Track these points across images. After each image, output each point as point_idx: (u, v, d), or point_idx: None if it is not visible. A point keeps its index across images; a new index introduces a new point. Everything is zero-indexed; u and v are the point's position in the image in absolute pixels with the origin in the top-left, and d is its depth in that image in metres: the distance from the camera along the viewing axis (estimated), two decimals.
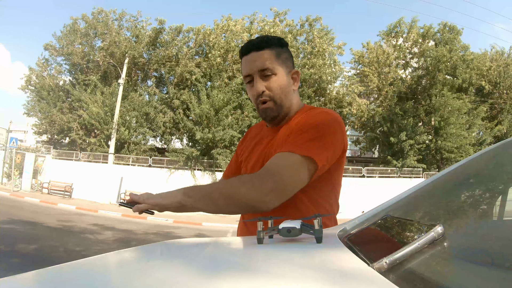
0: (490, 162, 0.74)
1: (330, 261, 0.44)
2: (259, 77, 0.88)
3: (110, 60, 15.03)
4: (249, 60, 0.89)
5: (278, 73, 0.88)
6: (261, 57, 0.88)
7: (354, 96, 14.85)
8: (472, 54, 15.98)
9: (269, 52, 0.89)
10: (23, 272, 0.36)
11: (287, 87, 0.91)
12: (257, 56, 0.88)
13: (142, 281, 0.35)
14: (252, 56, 0.89)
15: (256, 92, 0.88)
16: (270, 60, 0.88)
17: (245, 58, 0.91)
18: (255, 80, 0.88)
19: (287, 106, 0.91)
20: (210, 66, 14.67)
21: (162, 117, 14.74)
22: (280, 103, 0.89)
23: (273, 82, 0.88)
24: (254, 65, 0.88)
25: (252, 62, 0.88)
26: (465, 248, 0.43)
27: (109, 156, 13.87)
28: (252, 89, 0.90)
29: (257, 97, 0.89)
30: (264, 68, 0.87)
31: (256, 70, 0.87)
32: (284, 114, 0.92)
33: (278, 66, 0.88)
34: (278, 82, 0.88)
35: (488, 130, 15.49)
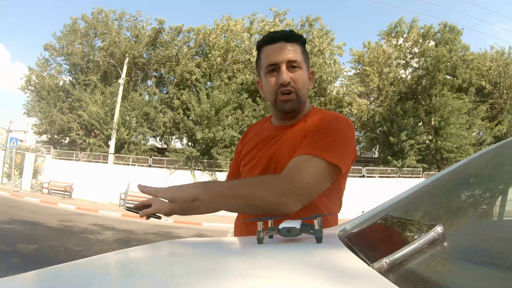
0: (490, 162, 0.74)
1: (330, 261, 0.44)
2: (286, 67, 0.86)
3: (110, 60, 15.04)
4: (277, 48, 0.87)
5: (303, 68, 0.88)
6: (291, 48, 0.87)
7: (354, 96, 14.85)
8: (472, 54, 15.98)
9: (297, 45, 0.89)
10: (23, 272, 0.36)
11: (307, 84, 0.91)
12: (287, 46, 0.87)
13: (142, 281, 0.35)
14: (281, 45, 0.87)
15: (282, 81, 0.85)
16: (298, 53, 0.88)
17: (270, 46, 0.89)
18: (281, 69, 0.85)
19: (303, 104, 0.91)
20: (210, 66, 14.68)
21: (162, 117, 14.74)
22: (301, 98, 0.88)
23: (299, 76, 0.87)
24: (284, 54, 0.86)
25: (281, 51, 0.86)
26: (465, 248, 0.43)
27: (109, 156, 13.87)
28: (275, 78, 0.87)
29: (280, 87, 0.86)
30: (294, 59, 0.86)
31: (285, 59, 0.85)
32: (300, 110, 0.91)
33: (303, 62, 0.89)
34: (303, 77, 0.88)
35: (488, 130, 15.49)
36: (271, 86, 0.88)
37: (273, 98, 0.89)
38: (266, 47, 0.89)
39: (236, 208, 0.75)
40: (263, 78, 0.91)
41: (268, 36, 0.90)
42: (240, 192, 0.72)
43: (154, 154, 14.70)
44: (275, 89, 0.87)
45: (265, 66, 0.89)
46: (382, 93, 15.77)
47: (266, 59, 0.89)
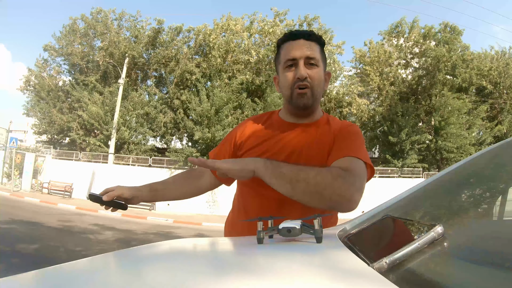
0: (490, 162, 0.74)
1: (330, 261, 0.44)
2: (304, 63, 0.88)
3: (110, 60, 15.04)
4: (298, 44, 0.89)
5: (320, 67, 0.91)
6: (310, 46, 0.90)
7: (354, 96, 14.86)
8: (472, 54, 15.98)
9: (316, 45, 0.91)
10: (23, 272, 0.36)
11: (323, 83, 0.93)
12: (307, 44, 0.89)
13: (142, 281, 0.35)
14: (302, 42, 0.90)
15: (300, 75, 0.87)
16: (317, 52, 0.91)
17: (291, 42, 0.91)
18: (299, 64, 0.88)
19: (317, 102, 0.93)
20: (210, 66, 14.68)
21: (162, 117, 14.74)
22: (316, 95, 0.90)
23: (315, 73, 0.89)
24: (303, 50, 0.88)
25: (301, 47, 0.89)
26: (465, 248, 0.43)
27: (109, 156, 13.87)
28: (292, 73, 0.89)
29: (297, 81, 0.88)
30: (312, 57, 0.88)
31: (303, 55, 0.88)
32: (314, 108, 0.93)
33: (321, 61, 0.91)
34: (319, 75, 0.90)
35: (488, 130, 15.49)
36: (288, 81, 0.90)
37: (289, 92, 0.90)
38: (289, 43, 0.91)
39: (298, 192, 0.71)
40: (281, 73, 0.93)
41: (289, 33, 0.94)
42: (308, 177, 0.71)
43: (154, 154, 14.71)
44: (292, 84, 0.89)
45: (283, 61, 0.91)
46: (383, 93, 15.77)
47: (285, 54, 0.91)
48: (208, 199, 12.49)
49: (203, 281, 0.36)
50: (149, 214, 11.12)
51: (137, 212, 11.32)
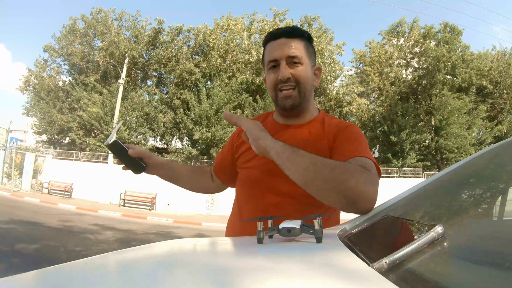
0: (490, 162, 0.74)
1: (330, 261, 0.44)
2: (286, 63, 0.85)
3: (110, 60, 15.04)
4: (278, 44, 0.86)
5: (305, 64, 0.87)
6: (291, 44, 0.86)
7: (354, 96, 14.86)
8: (472, 54, 15.98)
9: (299, 41, 0.87)
10: (23, 272, 0.36)
11: (310, 80, 0.89)
12: (288, 42, 0.86)
13: (142, 282, 0.35)
14: (282, 41, 0.86)
15: (281, 77, 0.84)
16: (300, 49, 0.86)
17: (272, 43, 0.88)
18: (281, 65, 0.85)
19: (307, 100, 0.90)
20: (210, 66, 14.69)
21: (162, 117, 14.74)
22: (303, 94, 0.87)
23: (300, 71, 0.85)
24: (283, 50, 0.85)
25: (281, 47, 0.85)
26: (465, 248, 0.43)
27: (109, 156, 13.88)
28: (275, 75, 0.86)
29: (279, 82, 0.86)
30: (294, 55, 0.85)
31: (284, 55, 0.85)
32: (304, 107, 0.90)
33: (306, 58, 0.87)
34: (305, 72, 0.86)
35: (488, 130, 15.49)
36: (271, 82, 0.87)
37: (273, 94, 0.88)
38: (271, 44, 0.89)
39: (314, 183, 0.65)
40: (266, 75, 0.91)
41: (270, 33, 0.90)
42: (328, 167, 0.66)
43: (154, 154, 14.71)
44: (274, 85, 0.87)
45: (266, 62, 0.89)
46: (383, 93, 15.78)
47: (267, 55, 0.89)
48: (207, 199, 12.49)
49: (203, 281, 0.36)
50: (149, 214, 11.12)
51: (137, 212, 11.32)
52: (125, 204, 12.74)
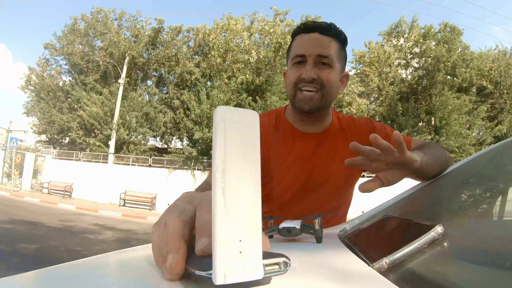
0: (490, 162, 0.74)
1: (330, 261, 0.44)
2: (314, 62, 0.76)
3: (110, 60, 15.04)
4: (310, 39, 0.77)
5: (335, 67, 0.78)
6: (325, 42, 0.77)
7: (354, 96, 14.87)
8: (472, 54, 15.98)
9: (333, 41, 0.78)
10: (23, 272, 0.36)
11: (336, 87, 0.80)
12: (321, 39, 0.77)
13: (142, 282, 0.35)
14: (316, 36, 0.77)
15: (306, 76, 0.75)
16: (332, 50, 0.78)
17: (304, 35, 0.79)
18: (308, 63, 0.76)
19: (328, 107, 0.82)
20: (210, 66, 14.69)
21: (162, 117, 14.75)
22: (326, 100, 0.78)
23: (327, 74, 0.76)
24: (314, 47, 0.76)
25: (313, 42, 0.77)
26: (465, 248, 0.43)
27: (109, 156, 13.88)
28: (299, 71, 0.77)
29: (301, 81, 0.77)
30: (325, 55, 0.76)
31: (314, 53, 0.76)
32: (323, 114, 0.82)
33: (337, 61, 0.78)
34: (333, 76, 0.77)
35: (488, 130, 15.48)
36: (293, 79, 0.78)
37: (292, 92, 0.79)
38: (301, 36, 0.80)
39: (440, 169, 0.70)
40: (289, 69, 0.82)
41: (304, 24, 0.81)
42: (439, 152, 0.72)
43: (154, 154, 14.72)
44: (296, 83, 0.78)
45: (292, 56, 0.80)
46: (382, 93, 15.78)
47: (295, 48, 0.80)
48: None
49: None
50: (149, 214, 11.12)
51: (137, 212, 11.32)
52: (125, 204, 12.74)
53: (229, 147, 0.23)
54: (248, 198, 0.24)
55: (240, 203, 0.24)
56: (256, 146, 0.25)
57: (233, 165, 0.24)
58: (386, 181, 0.61)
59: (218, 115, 0.23)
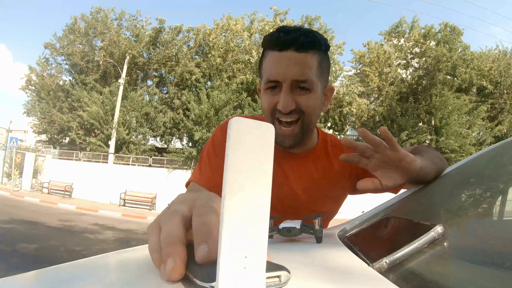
0: (490, 162, 0.74)
1: (330, 261, 0.44)
2: (291, 88, 0.66)
3: (110, 60, 15.04)
4: (285, 59, 0.65)
5: (315, 89, 0.68)
6: (302, 62, 0.65)
7: (354, 96, 14.87)
8: (472, 54, 15.98)
9: (313, 57, 0.66)
10: (23, 272, 0.36)
11: (318, 108, 0.71)
12: (297, 58, 0.65)
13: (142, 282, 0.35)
14: (290, 56, 0.65)
15: (282, 108, 0.66)
16: (312, 69, 0.66)
17: (276, 54, 0.66)
18: (283, 91, 0.66)
19: (310, 134, 0.74)
20: (210, 66, 14.69)
21: (162, 117, 14.75)
22: (307, 128, 0.70)
23: (306, 100, 0.67)
24: (289, 70, 0.65)
25: (287, 64, 0.65)
26: (465, 248, 0.43)
27: (109, 156, 13.88)
28: (273, 97, 0.68)
29: (278, 112, 0.68)
30: (303, 79, 0.65)
31: (290, 78, 0.65)
32: (306, 139, 0.74)
33: (317, 80, 0.68)
34: (313, 101, 0.68)
35: (488, 130, 15.48)
36: (268, 106, 0.69)
37: (270, 120, 0.70)
38: (271, 53, 0.68)
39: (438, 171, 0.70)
40: (262, 91, 0.71)
41: (276, 37, 0.67)
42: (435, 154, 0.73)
43: (154, 154, 14.72)
44: (272, 111, 0.69)
45: (265, 78, 0.69)
46: (383, 93, 15.78)
47: (267, 70, 0.68)
48: None
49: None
50: (149, 214, 11.12)
51: (137, 212, 11.33)
52: (125, 204, 12.74)
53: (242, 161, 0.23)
54: (257, 214, 0.24)
55: (248, 219, 0.24)
56: (269, 161, 0.24)
57: (244, 180, 0.23)
58: (384, 183, 0.60)
59: (233, 127, 0.23)
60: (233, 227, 0.23)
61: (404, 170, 0.59)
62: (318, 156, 0.79)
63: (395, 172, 0.59)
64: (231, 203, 0.23)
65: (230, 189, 0.23)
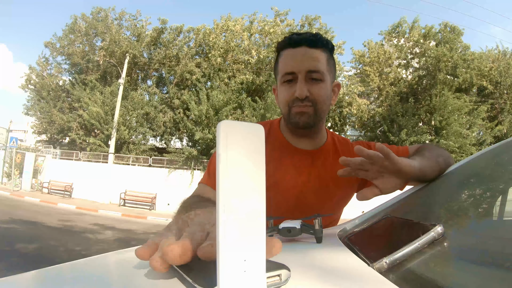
0: (490, 162, 0.74)
1: (330, 261, 0.44)
2: (305, 79, 0.75)
3: (110, 60, 15.04)
4: (299, 54, 0.75)
5: (326, 80, 0.77)
6: (314, 56, 0.75)
7: (354, 96, 14.86)
8: (472, 54, 15.98)
9: (322, 53, 0.76)
10: (23, 272, 0.36)
11: (329, 99, 0.79)
12: (309, 53, 0.75)
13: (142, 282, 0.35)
14: (303, 51, 0.75)
15: (299, 94, 0.74)
16: (322, 63, 0.76)
17: (291, 51, 0.77)
18: (299, 81, 0.74)
19: (322, 121, 0.81)
20: (210, 66, 14.69)
21: (162, 117, 14.75)
22: (319, 115, 0.78)
23: (319, 89, 0.75)
24: (303, 63, 0.74)
25: (301, 58, 0.75)
26: (465, 248, 0.43)
27: (109, 156, 13.88)
28: (290, 89, 0.76)
29: (294, 101, 0.76)
30: (315, 70, 0.74)
31: (304, 69, 0.74)
32: (317, 129, 0.81)
33: (327, 73, 0.77)
34: (324, 91, 0.76)
35: (488, 130, 15.48)
36: (285, 98, 0.78)
37: (286, 110, 0.78)
38: (286, 51, 0.78)
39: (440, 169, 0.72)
40: (279, 86, 0.80)
41: (290, 38, 0.78)
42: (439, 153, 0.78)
43: (154, 154, 14.72)
44: (288, 102, 0.77)
45: (281, 73, 0.78)
46: (383, 93, 15.78)
47: (283, 65, 0.78)
48: None
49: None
50: (149, 214, 11.12)
51: (137, 212, 11.33)
52: (125, 204, 12.74)
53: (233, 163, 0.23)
54: (253, 217, 0.24)
55: (245, 222, 0.23)
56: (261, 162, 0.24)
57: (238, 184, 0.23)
58: (384, 189, 0.63)
59: (222, 130, 0.23)
60: (229, 232, 0.23)
61: (401, 175, 0.63)
62: (328, 152, 0.83)
63: (394, 177, 0.63)
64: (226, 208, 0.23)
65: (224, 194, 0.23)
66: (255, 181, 0.24)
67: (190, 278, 0.28)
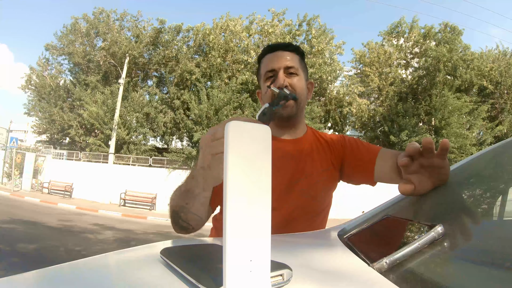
0: (490, 162, 0.74)
1: (330, 261, 0.44)
2: (284, 73, 0.88)
3: (111, 60, 15.05)
4: (276, 56, 0.91)
5: (300, 76, 0.91)
6: (288, 56, 0.90)
7: (354, 96, 14.85)
8: (472, 54, 15.97)
9: (295, 55, 0.92)
10: (23, 272, 0.36)
11: (305, 91, 0.93)
12: (285, 54, 0.90)
13: (142, 282, 0.35)
14: (280, 53, 0.91)
15: (279, 84, 0.86)
16: (296, 61, 0.91)
17: (270, 55, 0.92)
18: (279, 74, 0.87)
19: (302, 112, 0.93)
20: (210, 66, 14.68)
21: (162, 117, 14.74)
22: (299, 104, 0.89)
23: (296, 81, 0.89)
24: (281, 61, 0.89)
25: (278, 58, 0.90)
26: (465, 248, 0.43)
27: (109, 156, 13.88)
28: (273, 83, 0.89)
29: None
30: (291, 65, 0.89)
31: (282, 66, 0.88)
32: (299, 119, 0.93)
33: (301, 70, 0.91)
34: (301, 83, 0.90)
35: (488, 130, 15.47)
36: (268, 94, 0.88)
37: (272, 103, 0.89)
38: (268, 56, 0.93)
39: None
40: (262, 86, 0.93)
41: (266, 47, 0.95)
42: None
43: (154, 154, 14.71)
44: (272, 97, 0.87)
45: (263, 73, 0.92)
46: (383, 93, 15.77)
47: (264, 67, 0.92)
48: None
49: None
50: (149, 214, 11.12)
51: (137, 212, 11.33)
52: (125, 204, 12.74)
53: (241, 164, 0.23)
54: (259, 217, 0.24)
55: (251, 223, 0.24)
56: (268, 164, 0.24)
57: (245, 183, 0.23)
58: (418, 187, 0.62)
59: (230, 130, 0.23)
60: (236, 232, 0.23)
61: (438, 179, 0.62)
62: (309, 140, 0.94)
63: (429, 178, 0.62)
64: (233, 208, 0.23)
65: (231, 193, 0.23)
66: (262, 182, 0.24)
67: (193, 278, 0.28)
